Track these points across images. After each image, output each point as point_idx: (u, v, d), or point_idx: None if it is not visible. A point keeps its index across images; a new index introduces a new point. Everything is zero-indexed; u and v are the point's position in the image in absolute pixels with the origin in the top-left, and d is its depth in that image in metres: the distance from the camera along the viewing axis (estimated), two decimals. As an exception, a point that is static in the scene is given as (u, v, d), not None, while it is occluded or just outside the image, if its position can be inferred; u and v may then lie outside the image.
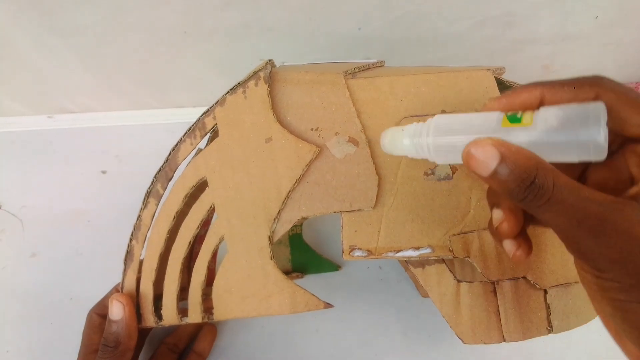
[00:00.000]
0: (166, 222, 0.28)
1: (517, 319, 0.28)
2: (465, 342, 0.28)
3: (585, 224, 0.17)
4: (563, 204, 0.18)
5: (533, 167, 0.18)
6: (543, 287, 0.28)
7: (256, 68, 0.28)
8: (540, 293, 0.28)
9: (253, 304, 0.27)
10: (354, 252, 0.27)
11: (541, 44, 0.45)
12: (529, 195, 0.18)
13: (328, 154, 0.27)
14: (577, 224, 0.17)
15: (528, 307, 0.28)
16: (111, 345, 0.28)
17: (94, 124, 0.49)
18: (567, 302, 0.28)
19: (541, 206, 0.18)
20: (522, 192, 0.18)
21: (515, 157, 0.18)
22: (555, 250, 0.28)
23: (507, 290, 0.28)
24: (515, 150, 0.18)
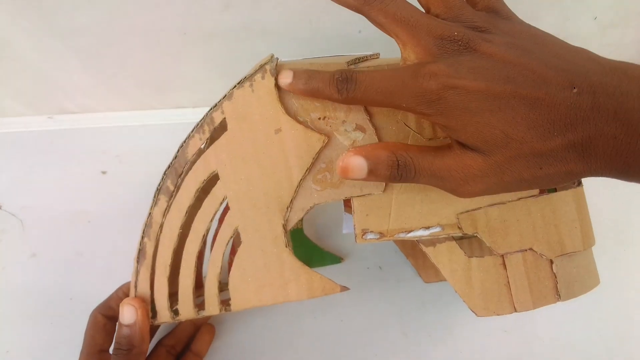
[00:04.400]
0: (178, 217, 0.28)
1: (526, 290, 0.29)
2: (478, 315, 0.29)
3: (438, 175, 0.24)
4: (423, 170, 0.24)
5: (392, 154, 0.24)
6: (549, 257, 0.29)
7: (262, 61, 0.28)
8: (547, 263, 0.29)
9: (270, 292, 0.28)
10: (366, 235, 0.28)
11: (541, 44, 0.45)
12: (402, 175, 0.24)
13: (337, 141, 0.28)
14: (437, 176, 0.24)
15: (536, 277, 0.29)
16: (125, 348, 0.28)
17: (94, 124, 0.49)
18: (571, 271, 0.30)
19: (413, 177, 0.24)
20: (397, 175, 0.24)
21: (375, 153, 0.24)
22: (558, 222, 0.29)
23: (515, 262, 0.29)
24: (371, 148, 0.25)
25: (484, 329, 0.39)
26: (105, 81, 0.46)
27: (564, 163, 0.22)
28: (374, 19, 0.24)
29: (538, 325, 0.39)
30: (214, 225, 0.29)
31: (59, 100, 0.48)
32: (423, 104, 0.23)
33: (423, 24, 0.23)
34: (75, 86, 0.46)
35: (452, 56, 0.23)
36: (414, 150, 0.24)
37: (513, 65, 0.22)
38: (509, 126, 0.22)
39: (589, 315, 0.40)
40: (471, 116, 0.22)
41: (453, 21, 0.24)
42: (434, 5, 0.24)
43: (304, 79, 0.26)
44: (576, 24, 0.44)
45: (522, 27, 0.24)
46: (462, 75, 0.22)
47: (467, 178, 0.23)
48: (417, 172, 0.24)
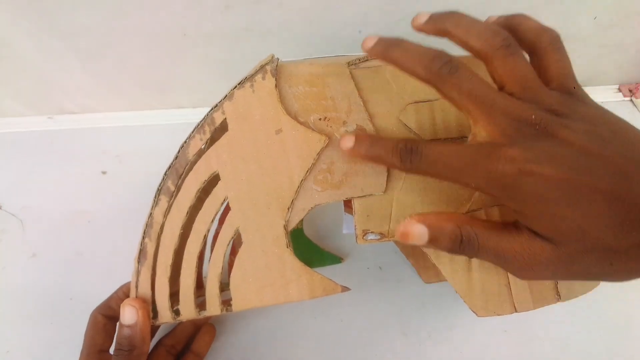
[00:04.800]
0: (179, 217, 0.28)
1: (527, 290, 0.29)
2: (478, 315, 0.29)
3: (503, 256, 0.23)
4: (487, 249, 0.23)
5: (457, 228, 0.23)
6: None
7: (262, 62, 0.28)
8: None
9: (272, 293, 0.28)
10: (367, 236, 0.28)
11: (540, 44, 0.45)
12: (464, 249, 0.23)
13: (337, 142, 0.28)
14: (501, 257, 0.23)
15: None
16: (126, 349, 0.28)
17: (94, 124, 0.49)
18: None
19: (475, 253, 0.23)
20: (458, 249, 0.23)
21: (440, 225, 0.23)
22: None
23: None
24: (436, 218, 0.23)
25: (484, 329, 0.39)
26: (106, 81, 0.46)
27: (636, 261, 0.21)
28: (446, 94, 0.23)
29: (538, 325, 0.39)
30: (214, 225, 0.29)
31: (59, 100, 0.48)
32: (496, 187, 0.22)
33: (499, 103, 0.22)
34: (75, 86, 0.46)
35: (529, 140, 0.21)
36: (480, 226, 0.23)
37: (594, 156, 0.21)
38: (586, 221, 0.21)
39: (589, 315, 0.40)
40: (546, 206, 0.21)
41: (529, 101, 0.22)
42: (510, 84, 0.23)
43: (366, 146, 0.25)
44: (576, 24, 0.44)
45: (598, 112, 0.23)
46: (540, 161, 0.21)
47: (533, 265, 0.22)
48: (480, 250, 0.23)
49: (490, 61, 0.23)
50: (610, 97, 0.54)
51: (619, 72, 0.53)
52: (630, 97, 0.54)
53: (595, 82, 0.54)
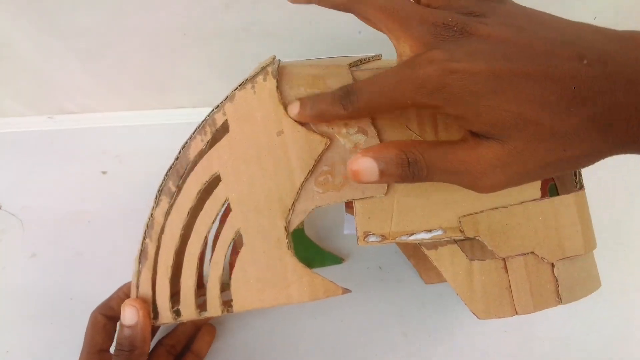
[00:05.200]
0: (180, 218, 0.28)
1: (528, 293, 0.29)
2: (480, 318, 0.29)
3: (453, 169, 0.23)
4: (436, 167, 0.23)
5: (401, 152, 0.23)
6: (550, 261, 0.29)
7: (263, 63, 0.28)
8: (548, 267, 0.29)
9: (273, 294, 0.28)
10: (368, 238, 0.28)
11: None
12: (415, 173, 0.23)
13: (338, 144, 0.28)
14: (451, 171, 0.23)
15: (538, 280, 0.29)
16: (126, 349, 0.28)
17: (94, 124, 0.49)
18: (572, 274, 0.30)
19: (427, 175, 0.23)
20: (409, 174, 0.23)
21: (384, 153, 0.23)
22: (559, 226, 0.29)
23: (517, 265, 0.29)
24: (379, 147, 0.23)
25: (484, 329, 0.39)
26: (106, 81, 0.46)
27: (588, 141, 0.21)
28: (363, 15, 0.24)
29: (538, 326, 0.39)
30: (215, 226, 0.29)
31: (59, 100, 0.48)
32: (427, 94, 0.22)
33: (414, 13, 0.22)
34: (75, 86, 0.46)
35: (448, 42, 0.22)
36: (424, 145, 0.23)
37: (512, 43, 0.21)
38: (520, 106, 0.21)
39: (589, 316, 0.40)
40: (478, 99, 0.21)
41: (445, 9, 0.23)
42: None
43: (309, 105, 0.26)
44: (576, 24, 0.44)
45: (518, 9, 0.23)
46: (460, 58, 0.21)
47: (485, 170, 0.22)
48: (429, 169, 0.23)
49: None
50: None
51: (619, 72, 0.53)
52: (630, 97, 0.54)
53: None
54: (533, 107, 0.20)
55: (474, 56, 0.21)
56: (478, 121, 0.22)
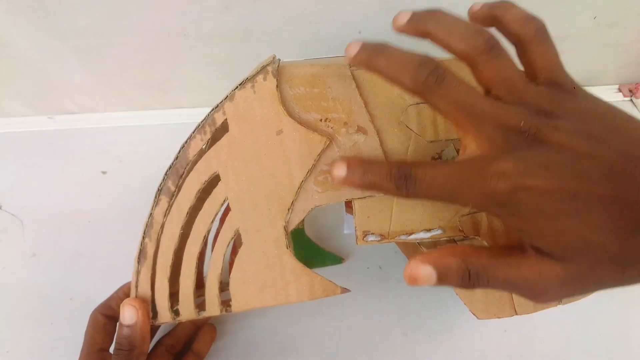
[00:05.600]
0: (179, 218, 0.28)
1: None
2: (479, 318, 0.29)
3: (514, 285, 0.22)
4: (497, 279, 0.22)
5: (462, 263, 0.22)
6: None
7: (263, 63, 0.28)
8: None
9: (271, 294, 0.28)
10: (367, 237, 0.28)
11: (540, 44, 0.45)
12: (474, 284, 0.22)
13: (338, 143, 0.28)
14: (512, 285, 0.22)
15: None
16: (126, 348, 0.28)
17: (94, 124, 0.49)
18: None
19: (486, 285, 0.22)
20: (468, 284, 0.22)
21: (444, 262, 0.22)
22: None
23: None
24: (439, 255, 0.22)
25: (484, 329, 0.39)
26: (106, 81, 0.46)
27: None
28: (434, 105, 0.22)
29: (538, 325, 0.39)
30: (214, 225, 0.29)
31: (59, 101, 0.48)
32: (493, 205, 0.21)
33: (486, 112, 0.21)
34: (75, 86, 0.46)
35: (520, 150, 0.21)
36: (485, 256, 0.22)
37: (587, 158, 0.20)
38: (588, 231, 0.20)
39: (589, 315, 0.40)
40: (546, 220, 0.20)
41: (516, 104, 0.22)
42: (495, 87, 0.22)
43: (360, 174, 0.24)
44: (576, 24, 0.44)
45: (589, 105, 0.22)
46: (533, 173, 0.20)
47: (546, 289, 0.22)
48: (490, 281, 0.22)
49: (475, 65, 0.22)
50: (610, 97, 0.54)
51: (619, 72, 0.53)
52: (630, 97, 0.54)
53: (595, 82, 0.54)
54: (601, 231, 0.20)
55: (547, 171, 0.20)
56: (542, 240, 0.21)
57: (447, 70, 0.22)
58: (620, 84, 0.54)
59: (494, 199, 0.21)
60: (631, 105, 0.54)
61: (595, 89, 0.54)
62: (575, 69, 0.24)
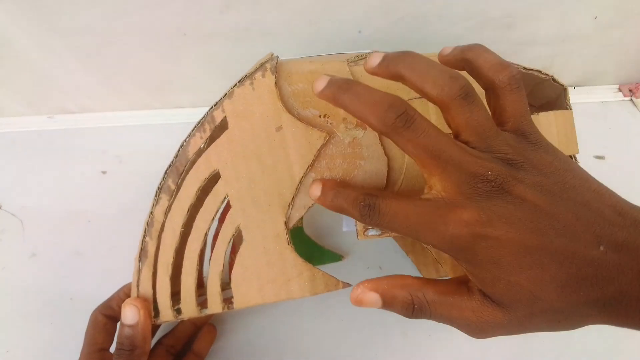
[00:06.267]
0: (180, 216, 0.28)
1: None
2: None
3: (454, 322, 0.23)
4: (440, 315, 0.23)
5: (408, 295, 0.23)
6: None
7: (261, 60, 0.28)
8: None
9: (273, 290, 0.28)
10: (368, 232, 0.28)
11: (541, 45, 0.45)
12: (417, 316, 0.24)
13: (337, 139, 0.28)
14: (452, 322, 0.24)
15: None
16: (127, 348, 0.28)
17: (94, 124, 0.49)
18: None
19: (428, 318, 0.24)
20: (411, 315, 0.24)
21: (391, 292, 0.24)
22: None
23: None
24: (388, 286, 0.24)
25: (484, 329, 0.39)
26: (106, 81, 0.46)
27: (584, 317, 0.22)
28: (401, 147, 0.23)
29: (538, 325, 0.39)
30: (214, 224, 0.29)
31: (59, 100, 0.48)
32: (452, 249, 0.22)
33: (455, 158, 0.21)
34: (75, 86, 0.46)
35: (484, 199, 0.21)
36: (432, 291, 0.23)
37: (544, 213, 0.21)
38: (537, 286, 0.21)
39: (589, 315, 0.40)
40: (501, 272, 0.21)
41: (484, 151, 0.22)
42: (465, 133, 0.22)
43: (331, 197, 0.25)
44: (576, 24, 0.44)
45: (550, 158, 0.23)
46: (494, 224, 0.21)
47: (484, 329, 0.23)
48: (432, 315, 0.23)
49: (447, 110, 0.22)
50: (610, 97, 0.54)
51: (619, 72, 0.53)
52: (630, 97, 0.54)
53: (595, 82, 0.54)
54: (549, 288, 0.21)
55: (507, 223, 0.21)
56: (493, 290, 0.22)
57: (416, 114, 0.22)
58: (620, 84, 0.54)
59: (453, 244, 0.22)
60: (631, 105, 0.54)
61: (595, 89, 0.54)
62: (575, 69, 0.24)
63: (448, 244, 0.22)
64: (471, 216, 0.21)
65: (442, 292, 0.24)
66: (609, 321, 0.22)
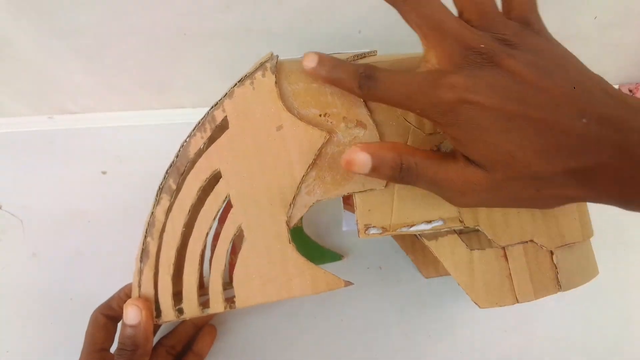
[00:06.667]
0: (181, 216, 0.28)
1: (528, 281, 0.29)
2: (481, 307, 0.29)
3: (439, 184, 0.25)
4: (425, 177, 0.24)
5: (397, 157, 0.24)
6: (549, 248, 0.29)
7: (262, 59, 0.28)
8: (548, 254, 0.30)
9: (275, 288, 0.28)
10: (369, 230, 0.28)
11: (541, 44, 0.45)
12: (404, 177, 0.25)
13: (338, 138, 0.28)
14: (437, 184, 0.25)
15: (537, 268, 0.29)
16: (129, 348, 0.28)
17: (94, 124, 0.49)
18: (572, 261, 0.30)
19: (414, 181, 0.25)
20: (398, 176, 0.24)
21: (381, 153, 0.24)
22: (558, 213, 0.30)
23: (516, 254, 0.29)
24: (379, 146, 0.25)
25: (484, 328, 0.39)
26: (106, 81, 0.46)
27: (562, 188, 0.23)
28: (406, 16, 0.24)
29: (538, 325, 0.39)
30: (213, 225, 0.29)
31: (60, 100, 0.48)
32: (437, 113, 0.23)
33: (453, 30, 0.23)
34: (75, 86, 0.46)
35: (474, 68, 0.22)
36: (420, 155, 0.25)
37: (530, 85, 0.22)
38: (516, 148, 0.22)
39: (589, 315, 0.40)
40: (481, 133, 0.22)
41: (483, 29, 0.23)
42: (468, 10, 0.24)
43: (328, 67, 0.26)
44: (576, 24, 0.44)
45: (549, 45, 0.24)
46: (479, 90, 0.22)
47: (465, 191, 0.24)
48: (418, 178, 0.25)
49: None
50: (610, 97, 0.54)
51: (619, 72, 0.53)
52: (630, 97, 0.54)
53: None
54: (527, 151, 0.22)
55: (492, 91, 0.22)
56: (473, 151, 0.23)
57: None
58: (620, 84, 0.54)
59: (439, 107, 0.23)
60: (631, 105, 0.54)
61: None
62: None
63: (435, 107, 0.23)
64: (458, 81, 0.22)
65: (430, 156, 0.25)
66: (587, 194, 0.23)
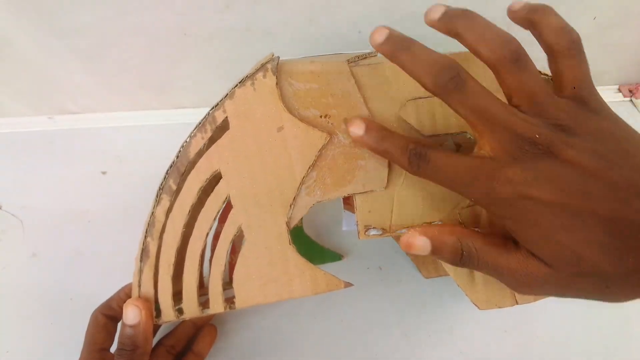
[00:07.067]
0: (182, 216, 0.28)
1: None
2: (480, 308, 0.29)
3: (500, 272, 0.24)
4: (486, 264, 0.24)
5: (457, 241, 0.24)
6: None
7: (262, 60, 0.28)
8: None
9: (275, 289, 0.28)
10: (369, 232, 0.28)
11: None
12: (465, 263, 0.24)
13: (338, 139, 0.28)
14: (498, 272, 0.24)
15: None
16: (129, 348, 0.28)
17: (94, 124, 0.49)
18: None
19: (475, 267, 0.24)
20: (459, 262, 0.24)
21: (441, 238, 0.24)
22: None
23: None
24: (438, 230, 0.24)
25: (484, 329, 0.39)
26: (106, 81, 0.46)
27: (635, 287, 0.22)
28: (452, 107, 0.23)
29: (538, 325, 0.39)
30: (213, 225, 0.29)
31: (60, 101, 0.48)
32: (494, 206, 0.22)
33: (503, 120, 0.21)
34: (75, 86, 0.46)
35: (531, 160, 0.21)
36: (479, 241, 0.24)
37: (596, 178, 0.20)
38: (581, 247, 0.21)
39: (589, 315, 0.40)
40: (542, 231, 0.21)
41: (535, 116, 0.22)
42: (518, 96, 0.22)
43: (377, 138, 0.25)
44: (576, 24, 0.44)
45: (609, 125, 0.22)
46: (538, 185, 0.21)
47: (529, 283, 0.23)
48: (479, 263, 0.24)
49: (498, 73, 0.23)
50: (610, 97, 0.54)
51: (619, 72, 0.53)
52: (630, 97, 0.54)
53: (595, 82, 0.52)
54: (594, 250, 0.21)
55: (552, 185, 0.21)
56: (535, 247, 0.22)
57: (468, 77, 0.22)
58: (620, 84, 0.54)
59: (496, 202, 0.22)
60: (631, 105, 0.54)
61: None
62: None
63: (492, 200, 0.22)
64: (515, 174, 0.21)
65: (489, 242, 0.24)
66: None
